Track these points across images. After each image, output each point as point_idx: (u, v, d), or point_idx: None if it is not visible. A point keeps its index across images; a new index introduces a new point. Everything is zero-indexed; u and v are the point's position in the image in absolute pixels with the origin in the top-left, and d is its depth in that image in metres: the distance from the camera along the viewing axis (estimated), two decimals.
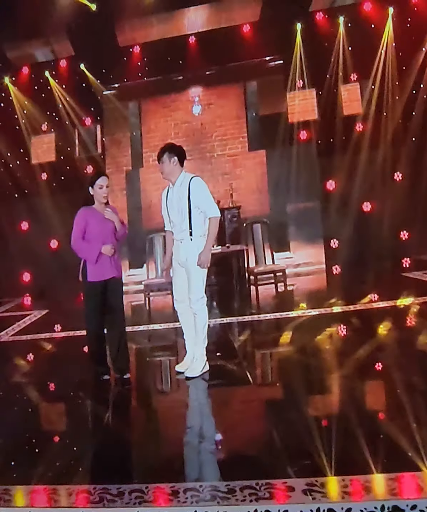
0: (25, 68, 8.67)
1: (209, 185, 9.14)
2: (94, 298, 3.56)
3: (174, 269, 3.61)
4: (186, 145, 8.95)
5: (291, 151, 8.67)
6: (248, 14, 8.74)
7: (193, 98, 9.23)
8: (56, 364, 4.28)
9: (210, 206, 3.43)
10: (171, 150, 3.47)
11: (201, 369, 3.59)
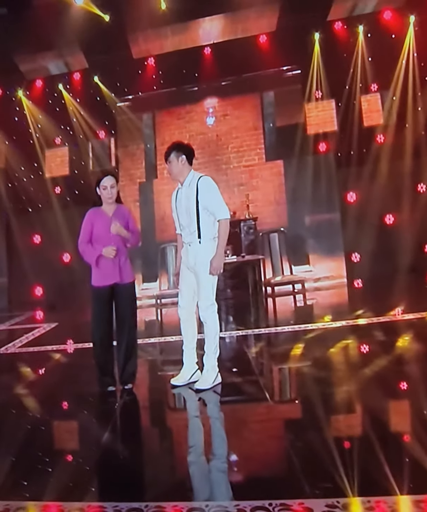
0: (39, 81, 8.89)
1: (225, 196, 9.21)
2: (99, 304, 3.45)
3: (182, 273, 3.48)
4: (201, 157, 9.25)
5: (309, 162, 8.62)
6: (264, 24, 8.83)
7: (208, 109, 9.31)
8: (60, 375, 4.20)
9: (219, 207, 3.29)
10: (179, 149, 3.37)
11: (213, 381, 3.42)
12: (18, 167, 8.67)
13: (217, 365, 3.47)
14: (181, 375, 3.54)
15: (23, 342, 5.54)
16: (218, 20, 8.63)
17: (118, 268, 3.43)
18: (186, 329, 3.54)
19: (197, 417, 3.16)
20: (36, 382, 4.10)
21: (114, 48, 8.12)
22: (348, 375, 3.53)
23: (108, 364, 3.53)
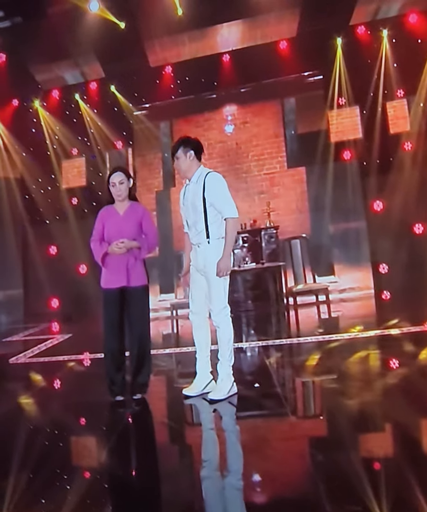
0: (55, 91, 9.03)
1: (245, 205, 9.22)
2: (108, 308, 3.36)
3: (192, 276, 3.37)
4: (220, 166, 9.22)
5: (332, 169, 8.48)
6: (284, 30, 8.83)
7: (227, 116, 9.30)
8: (68, 385, 4.13)
9: (226, 205, 3.17)
10: (187, 144, 3.26)
11: (228, 391, 3.27)
12: (35, 179, 8.78)
13: (232, 374, 3.32)
14: (194, 385, 3.41)
15: (34, 352, 5.52)
16: (236, 26, 8.65)
17: (126, 270, 3.33)
18: (199, 335, 3.42)
19: (211, 429, 3.00)
20: (42, 392, 4.03)
21: (130, 57, 8.19)
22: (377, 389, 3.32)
23: (118, 372, 3.42)
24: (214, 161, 9.13)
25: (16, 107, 8.93)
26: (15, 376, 4.54)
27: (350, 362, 4.03)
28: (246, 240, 8.03)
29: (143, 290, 3.40)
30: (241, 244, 7.98)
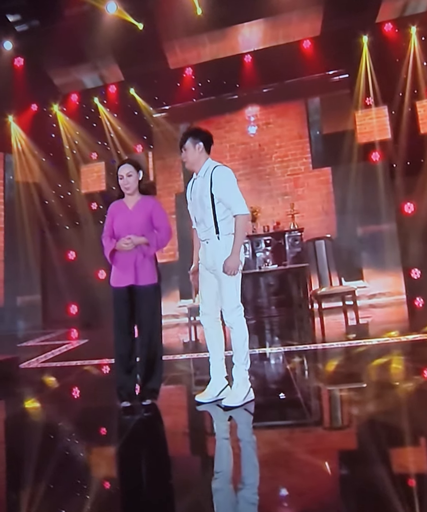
0: (74, 95, 9.09)
1: (268, 207, 9.05)
2: (118, 308, 3.23)
3: (201, 275, 3.21)
4: (243, 168, 9.09)
5: (359, 170, 8.26)
6: (307, 29, 8.71)
7: (249, 117, 9.20)
8: (77, 390, 4.03)
9: (235, 201, 3.00)
10: (196, 135, 3.12)
11: (244, 397, 3.08)
12: (54, 184, 8.81)
13: (248, 379, 3.14)
14: (207, 391, 3.24)
15: (47, 357, 5.49)
16: (257, 26, 8.58)
17: (133, 268, 3.18)
18: (211, 338, 3.25)
19: (226, 439, 2.80)
20: (48, 397, 3.94)
21: (150, 59, 8.18)
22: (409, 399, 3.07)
23: (127, 375, 3.27)
24: (236, 163, 9.03)
25: (35, 111, 9.03)
26: (23, 380, 4.48)
27: (380, 369, 3.81)
28: (269, 243, 7.88)
29: (152, 290, 3.24)
30: (264, 247, 7.82)
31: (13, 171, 8.94)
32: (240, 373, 3.09)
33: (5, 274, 8.84)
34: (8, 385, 4.24)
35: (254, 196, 8.71)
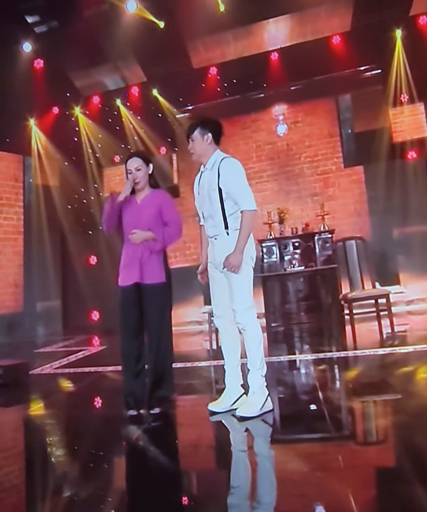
0: (96, 97, 9.06)
1: (297, 208, 8.78)
2: (124, 308, 3.11)
3: (210, 275, 3.06)
4: (271, 169, 8.88)
5: (394, 170, 7.91)
6: (337, 24, 8.45)
7: (277, 116, 9.01)
8: (87, 397, 3.94)
9: (243, 196, 2.87)
10: (204, 125, 3.00)
11: (261, 407, 2.86)
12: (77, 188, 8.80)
13: (265, 386, 2.92)
14: (221, 400, 3.04)
15: (62, 363, 5.42)
16: (284, 22, 8.37)
17: (138, 264, 3.04)
18: (226, 342, 3.08)
19: (242, 452, 2.58)
20: (54, 403, 3.84)
21: (172, 58, 8.09)
22: None
23: (134, 380, 3.10)
24: (263, 164, 8.84)
25: (56, 114, 9.07)
26: (31, 387, 4.42)
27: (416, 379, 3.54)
28: (297, 245, 7.61)
29: (160, 289, 3.07)
30: (292, 250, 7.58)
31: (32, 175, 9.00)
32: (255, 380, 2.90)
33: (24, 279, 8.86)
34: (14, 391, 4.17)
35: (281, 197, 8.49)
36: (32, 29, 7.59)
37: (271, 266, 7.36)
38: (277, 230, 7.77)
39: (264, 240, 7.65)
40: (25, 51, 8.13)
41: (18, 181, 9.08)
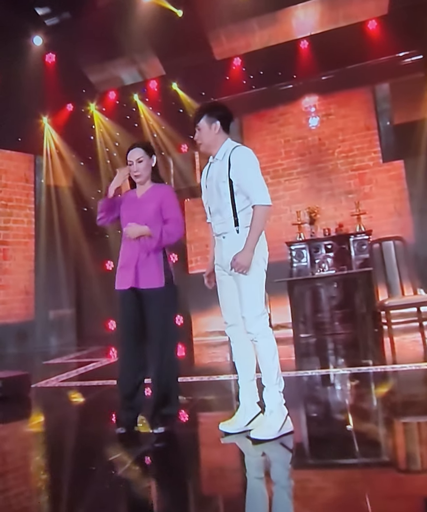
0: (112, 92, 9.03)
1: (329, 207, 8.50)
2: (121, 314, 2.99)
3: (218, 279, 2.89)
4: (301, 165, 8.66)
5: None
6: (372, 8, 8.20)
7: (307, 109, 8.85)
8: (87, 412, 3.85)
9: (255, 188, 2.71)
10: (212, 112, 2.84)
11: (279, 428, 2.64)
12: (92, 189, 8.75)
13: (284, 404, 2.71)
14: (235, 419, 2.84)
15: (69, 376, 5.33)
16: (313, 8, 8.18)
17: (134, 267, 2.89)
18: (239, 353, 2.90)
19: (258, 479, 2.36)
20: (47, 420, 3.75)
21: (193, 50, 7.97)
22: None
23: (131, 396, 2.94)
24: (293, 160, 8.66)
25: (70, 112, 9.06)
26: (29, 401, 4.32)
27: None
28: (330, 248, 7.37)
29: (159, 294, 2.89)
30: (324, 253, 7.33)
31: (44, 175, 9.01)
32: (272, 397, 2.69)
33: (36, 285, 8.82)
34: (12, 405, 4.08)
35: (312, 195, 8.25)
36: (42, 21, 7.60)
37: (301, 271, 7.12)
38: (307, 231, 7.58)
39: (293, 242, 7.48)
40: (35, 45, 8.13)
41: (29, 181, 9.09)
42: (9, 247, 8.71)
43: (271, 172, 8.65)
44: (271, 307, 5.65)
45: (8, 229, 8.74)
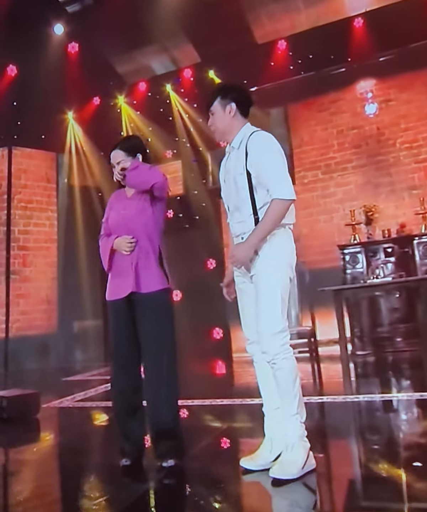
0: (142, 84, 9.01)
1: (390, 205, 8.10)
2: (114, 328, 2.89)
3: (238, 287, 2.77)
4: (357, 159, 8.34)
5: None
6: None
7: (363, 95, 8.54)
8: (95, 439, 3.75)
9: (276, 180, 2.54)
10: (226, 93, 2.72)
11: (302, 465, 2.43)
12: None
13: (305, 437, 2.52)
14: (259, 454, 2.66)
15: (87, 395, 5.27)
16: None
17: (133, 271, 2.77)
18: (263, 375, 2.72)
19: None
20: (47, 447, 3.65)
21: (231, 34, 7.76)
22: None
23: (131, 420, 2.80)
24: (347, 153, 8.37)
25: (96, 106, 9.07)
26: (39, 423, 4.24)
27: None
28: (390, 252, 7.06)
29: (158, 297, 2.78)
30: (383, 257, 7.03)
31: (67, 174, 9.04)
32: (293, 428, 2.50)
33: (59, 294, 8.78)
34: (16, 428, 4.01)
35: (369, 191, 7.94)
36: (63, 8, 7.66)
37: (356, 278, 6.82)
38: (363, 233, 7.32)
39: (347, 245, 7.23)
40: (56, 34, 8.18)
41: (50, 181, 9.13)
42: (30, 253, 8.70)
43: (322, 166, 8.42)
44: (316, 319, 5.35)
45: (28, 233, 8.74)
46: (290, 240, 2.62)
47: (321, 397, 4.30)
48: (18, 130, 8.42)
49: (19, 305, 8.54)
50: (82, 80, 7.90)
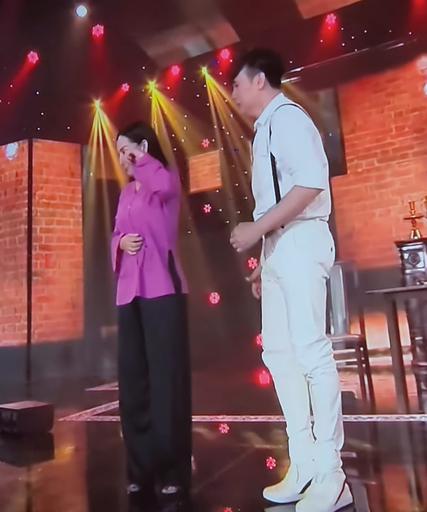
0: (175, 67, 8.93)
1: None
2: (121, 336, 2.82)
3: (263, 286, 2.64)
4: (418, 144, 8.05)
5: None
6: None
7: (424, 72, 8.13)
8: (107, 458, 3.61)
9: (300, 163, 2.35)
10: (253, 61, 2.55)
11: (334, 500, 2.23)
12: None
13: (340, 467, 2.32)
14: (285, 484, 2.48)
15: (109, 408, 5.17)
16: None
17: (138, 273, 2.69)
18: (285, 391, 2.55)
19: None
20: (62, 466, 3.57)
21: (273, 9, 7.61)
22: None
23: (138, 439, 2.69)
24: (407, 138, 8.03)
25: (125, 93, 9.04)
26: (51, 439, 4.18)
27: None
28: None
29: (164, 303, 2.67)
30: None
31: (93, 167, 9.00)
32: (326, 456, 2.30)
33: (85, 297, 8.76)
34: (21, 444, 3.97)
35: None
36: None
37: (416, 278, 6.46)
38: (425, 227, 6.97)
39: (406, 242, 6.89)
40: (79, 16, 8.19)
41: (75, 175, 9.11)
42: (53, 253, 8.71)
43: (378, 153, 8.13)
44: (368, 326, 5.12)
45: (51, 231, 8.74)
46: (323, 234, 2.44)
47: (371, 416, 4.06)
48: (41, 121, 8.48)
49: (42, 309, 8.56)
50: (109, 65, 7.85)
